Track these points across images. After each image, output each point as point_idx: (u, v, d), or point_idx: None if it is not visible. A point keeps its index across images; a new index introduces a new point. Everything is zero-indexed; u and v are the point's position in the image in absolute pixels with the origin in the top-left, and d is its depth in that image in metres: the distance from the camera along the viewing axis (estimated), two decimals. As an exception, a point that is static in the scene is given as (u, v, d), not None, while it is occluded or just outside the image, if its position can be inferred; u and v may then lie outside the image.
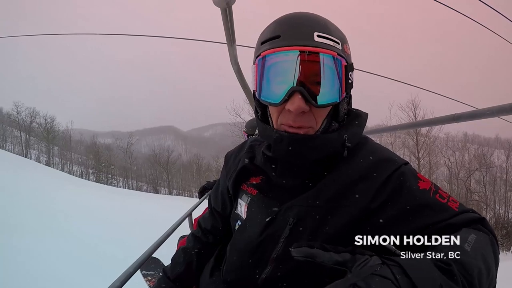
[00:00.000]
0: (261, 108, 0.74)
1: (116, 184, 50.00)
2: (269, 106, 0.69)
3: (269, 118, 0.72)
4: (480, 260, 0.51)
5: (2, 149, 38.18)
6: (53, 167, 42.57)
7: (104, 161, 53.36)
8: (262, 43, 0.66)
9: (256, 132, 2.41)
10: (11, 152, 40.34)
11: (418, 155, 27.54)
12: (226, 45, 2.04)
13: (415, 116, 26.26)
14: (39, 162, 42.02)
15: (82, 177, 43.83)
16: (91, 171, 53.39)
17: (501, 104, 1.53)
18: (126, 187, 49.86)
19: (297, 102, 0.61)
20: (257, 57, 0.67)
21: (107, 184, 41.93)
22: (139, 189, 49.09)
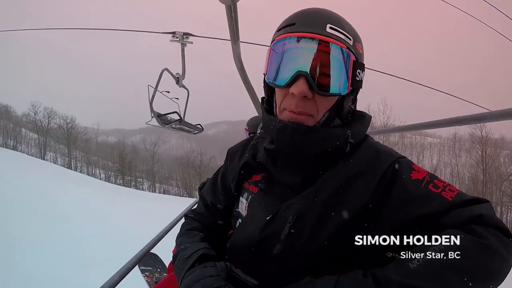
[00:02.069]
0: (268, 93, 0.76)
1: (142, 187, 46.68)
2: (276, 91, 0.71)
3: (274, 104, 0.74)
4: (428, 280, 0.49)
5: (15, 150, 37.25)
6: (75, 171, 41.41)
7: (128, 164, 50.80)
8: (278, 30, 0.70)
9: (258, 131, 2.40)
10: (27, 154, 39.08)
11: (484, 165, 27.29)
12: (230, 42, 2.04)
13: (481, 135, 27.66)
14: (62, 166, 40.80)
15: (109, 181, 42.43)
16: (114, 174, 50.81)
17: (505, 108, 1.52)
18: (158, 192, 46.46)
19: (300, 86, 0.63)
20: (271, 42, 0.70)
21: (136, 188, 40.56)
22: (167, 192, 46.48)
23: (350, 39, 0.66)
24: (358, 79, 0.68)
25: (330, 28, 0.64)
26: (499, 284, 0.52)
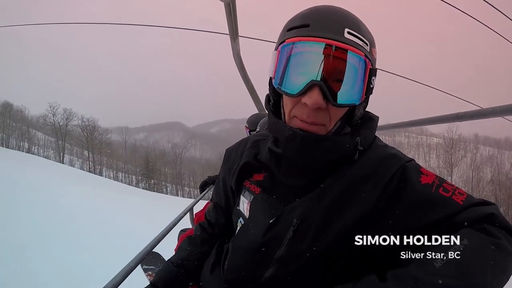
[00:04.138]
0: (274, 97, 0.71)
1: (166, 191, 45.23)
2: (284, 96, 0.66)
3: (282, 109, 0.69)
4: (451, 277, 0.48)
5: (30, 153, 36.57)
6: (100, 175, 40.37)
7: (151, 167, 48.71)
8: (289, 29, 0.63)
9: (258, 128, 2.40)
10: (43, 157, 38.26)
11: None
12: (229, 38, 2.04)
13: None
14: (81, 168, 39.84)
15: (135, 185, 41.16)
16: (140, 177, 49.00)
17: (505, 104, 1.52)
18: (188, 196, 44.55)
19: (315, 96, 0.58)
20: (280, 43, 0.63)
21: (161, 192, 39.46)
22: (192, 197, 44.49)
23: (367, 45, 0.61)
24: (371, 86, 0.64)
25: (348, 33, 0.58)
26: (506, 283, 0.52)
